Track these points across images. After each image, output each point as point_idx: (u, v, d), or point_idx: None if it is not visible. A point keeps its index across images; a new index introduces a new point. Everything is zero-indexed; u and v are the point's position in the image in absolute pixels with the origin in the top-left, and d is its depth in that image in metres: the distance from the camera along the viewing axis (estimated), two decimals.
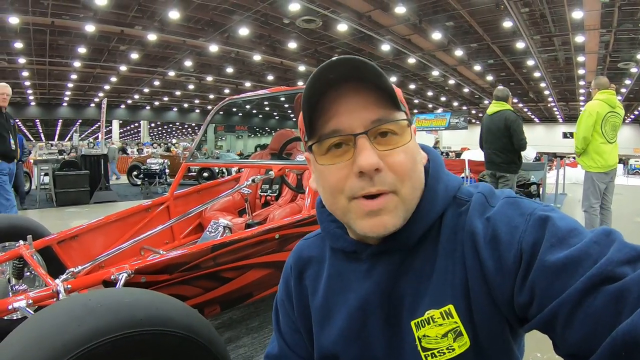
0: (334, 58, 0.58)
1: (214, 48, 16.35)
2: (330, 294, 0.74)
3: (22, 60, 17.34)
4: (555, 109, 30.17)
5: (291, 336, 0.81)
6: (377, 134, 0.60)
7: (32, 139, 41.99)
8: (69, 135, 37.20)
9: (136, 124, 43.18)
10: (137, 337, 1.10)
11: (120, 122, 34.62)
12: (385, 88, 0.60)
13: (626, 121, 30.93)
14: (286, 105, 33.67)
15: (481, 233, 0.58)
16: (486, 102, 28.31)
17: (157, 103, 31.59)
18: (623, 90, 21.61)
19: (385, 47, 16.45)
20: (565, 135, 31.38)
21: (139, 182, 11.95)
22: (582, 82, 20.86)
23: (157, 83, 23.89)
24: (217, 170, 12.49)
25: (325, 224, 0.75)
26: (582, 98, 24.73)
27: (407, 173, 0.60)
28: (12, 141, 4.69)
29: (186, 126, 48.26)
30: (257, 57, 18.06)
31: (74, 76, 20.95)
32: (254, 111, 38.20)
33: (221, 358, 1.31)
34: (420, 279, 0.64)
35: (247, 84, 23.99)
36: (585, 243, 0.50)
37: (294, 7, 12.56)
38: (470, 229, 0.60)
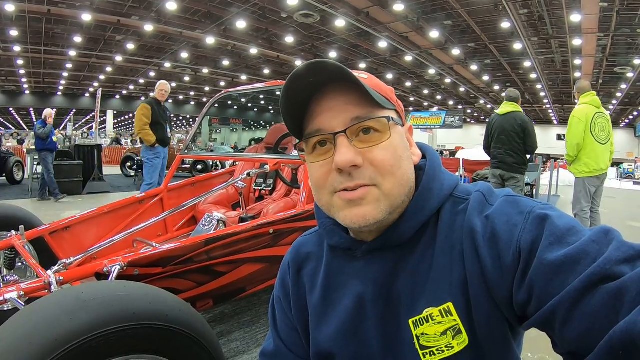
0: (311, 61, 0.60)
1: (210, 40, 16.26)
2: (327, 291, 0.73)
3: (17, 48, 17.17)
4: (550, 111, 30.29)
5: (288, 334, 0.81)
6: (358, 132, 0.62)
7: (25, 127, 41.54)
8: (63, 125, 36.83)
9: (131, 115, 42.87)
10: (130, 331, 1.09)
11: (115, 112, 34.38)
12: (364, 89, 0.61)
13: (620, 125, 31.14)
14: None
15: (480, 231, 0.59)
16: (482, 101, 28.42)
17: (152, 94, 31.33)
18: (618, 94, 21.75)
19: (383, 44, 16.47)
20: (559, 137, 31.42)
21: (132, 173, 11.90)
22: None
23: (152, 74, 23.69)
24: (211, 163, 12.45)
25: (322, 220, 0.75)
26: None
27: (387, 168, 0.61)
28: (168, 129, 5.99)
29: (181, 118, 47.98)
30: (253, 51, 18.02)
31: (69, 65, 20.77)
32: (249, 105, 38.05)
33: (214, 353, 1.30)
34: (417, 277, 0.63)
35: (243, 77, 23.96)
36: (584, 242, 0.50)
37: (292, 1, 12.56)
38: (470, 227, 0.60)
